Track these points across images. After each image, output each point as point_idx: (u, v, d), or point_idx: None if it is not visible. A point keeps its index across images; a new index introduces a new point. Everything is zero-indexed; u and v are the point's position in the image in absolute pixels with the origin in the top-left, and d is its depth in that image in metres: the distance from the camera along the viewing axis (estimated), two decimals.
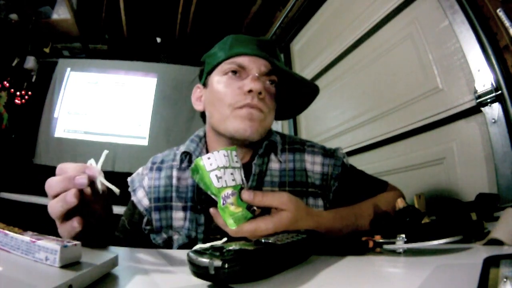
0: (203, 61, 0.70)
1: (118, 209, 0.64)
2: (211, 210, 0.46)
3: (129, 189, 0.70)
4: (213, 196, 0.45)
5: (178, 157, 0.69)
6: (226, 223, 0.43)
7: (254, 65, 0.62)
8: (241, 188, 0.46)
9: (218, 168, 0.44)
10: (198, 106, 0.71)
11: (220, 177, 0.43)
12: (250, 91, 0.59)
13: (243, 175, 0.47)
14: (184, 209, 0.65)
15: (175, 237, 0.65)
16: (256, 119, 0.60)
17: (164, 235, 0.66)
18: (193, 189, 0.65)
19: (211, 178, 0.43)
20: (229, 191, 0.44)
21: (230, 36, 0.67)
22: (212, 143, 0.69)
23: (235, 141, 0.63)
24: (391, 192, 0.70)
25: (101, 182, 0.42)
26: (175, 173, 0.68)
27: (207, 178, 0.43)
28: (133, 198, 0.70)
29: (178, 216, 0.65)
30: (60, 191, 0.39)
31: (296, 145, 0.71)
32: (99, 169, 0.43)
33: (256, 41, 0.65)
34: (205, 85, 0.69)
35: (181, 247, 0.64)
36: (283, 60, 0.71)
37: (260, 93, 0.59)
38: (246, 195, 0.44)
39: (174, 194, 0.66)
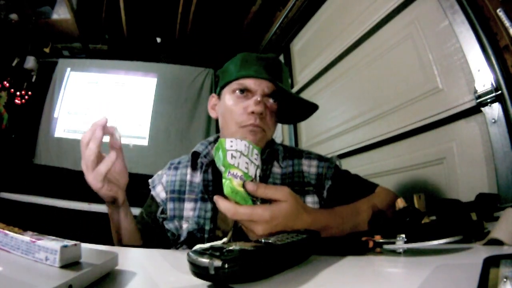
0: (217, 75, 0.82)
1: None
2: (215, 196, 0.48)
3: (150, 186, 0.82)
4: (221, 168, 0.48)
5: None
6: (223, 189, 0.46)
7: (258, 87, 0.71)
8: (251, 181, 0.48)
9: (236, 150, 0.48)
10: (213, 114, 0.81)
11: (235, 157, 0.47)
12: (253, 112, 0.68)
13: (257, 174, 0.49)
14: (195, 201, 0.75)
15: (185, 226, 0.73)
16: (258, 135, 0.70)
17: (176, 223, 0.74)
18: (202, 183, 0.75)
19: (227, 155, 0.47)
20: (239, 173, 0.47)
21: (240, 55, 0.76)
22: None
23: None
24: (385, 191, 0.73)
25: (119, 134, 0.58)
26: (189, 171, 0.79)
27: (223, 154, 0.48)
28: (152, 192, 0.81)
29: (189, 207, 0.74)
30: (89, 137, 0.55)
31: (295, 153, 0.81)
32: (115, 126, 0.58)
33: (262, 61, 0.73)
34: (219, 95, 0.79)
35: (190, 233, 0.71)
36: (287, 72, 0.78)
37: (261, 113, 0.68)
38: (250, 186, 0.46)
39: (187, 188, 0.77)
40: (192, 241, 0.70)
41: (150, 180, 0.84)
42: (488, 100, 0.97)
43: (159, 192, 0.79)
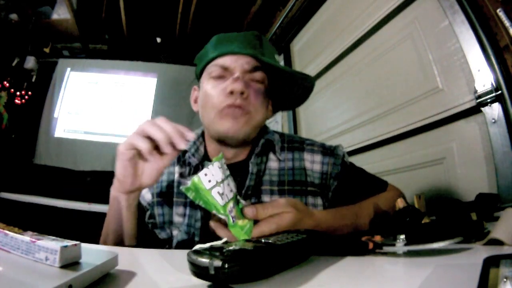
0: (195, 63, 0.72)
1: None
2: (211, 224, 0.45)
3: None
4: (219, 215, 0.43)
5: None
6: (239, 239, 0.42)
7: (236, 63, 0.62)
8: (236, 196, 0.45)
9: (217, 183, 0.42)
10: (195, 108, 0.72)
11: (222, 193, 0.42)
12: (232, 92, 0.59)
13: (234, 181, 0.46)
14: (184, 205, 0.66)
15: (175, 232, 0.65)
16: (239, 118, 0.60)
17: (167, 230, 0.66)
18: None
19: (214, 197, 0.41)
20: (231, 204, 0.43)
21: (215, 36, 0.67)
22: (208, 144, 0.71)
23: (225, 142, 0.64)
24: (391, 192, 0.70)
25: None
26: (176, 169, 0.70)
27: (210, 197, 0.41)
28: None
29: (178, 212, 0.66)
30: (167, 133, 0.47)
31: (295, 143, 0.71)
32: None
33: (239, 37, 0.64)
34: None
35: (180, 243, 0.64)
36: (274, 50, 0.69)
37: (242, 93, 0.59)
38: (250, 212, 0.44)
39: (175, 190, 0.68)
40: (183, 245, 0.63)
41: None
42: (488, 100, 0.97)
43: (144, 193, 0.70)
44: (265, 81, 0.65)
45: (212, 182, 0.42)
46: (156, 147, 0.48)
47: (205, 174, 0.41)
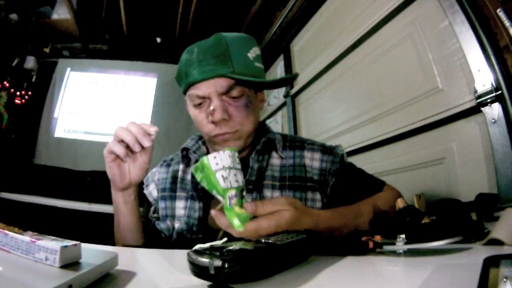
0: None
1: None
2: (212, 212, 0.45)
3: (143, 185, 0.79)
4: (218, 197, 0.44)
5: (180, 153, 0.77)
6: (232, 225, 0.43)
7: (210, 90, 0.62)
8: (242, 190, 0.46)
9: (224, 168, 0.43)
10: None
11: (226, 178, 0.43)
12: (213, 122, 0.63)
13: (243, 177, 0.47)
14: (186, 199, 0.71)
15: (176, 225, 0.70)
16: (229, 140, 0.65)
17: (168, 223, 0.71)
18: (191, 180, 0.72)
19: (217, 178, 0.42)
20: (233, 192, 0.44)
21: (183, 55, 0.67)
22: (208, 144, 0.75)
23: None
24: (390, 192, 0.71)
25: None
26: (181, 167, 0.76)
27: (213, 177, 0.42)
28: (145, 191, 0.78)
29: (180, 205, 0.71)
30: (134, 134, 0.54)
31: (296, 143, 0.75)
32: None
33: (206, 52, 0.63)
34: None
35: (180, 234, 0.68)
36: (249, 44, 0.64)
37: (223, 118, 0.62)
38: (249, 207, 0.45)
39: (178, 185, 0.74)
40: (183, 241, 0.67)
41: (144, 179, 0.78)
42: (488, 100, 0.97)
43: (151, 190, 0.77)
44: (245, 92, 0.64)
45: (219, 166, 0.43)
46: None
47: (214, 157, 0.43)
